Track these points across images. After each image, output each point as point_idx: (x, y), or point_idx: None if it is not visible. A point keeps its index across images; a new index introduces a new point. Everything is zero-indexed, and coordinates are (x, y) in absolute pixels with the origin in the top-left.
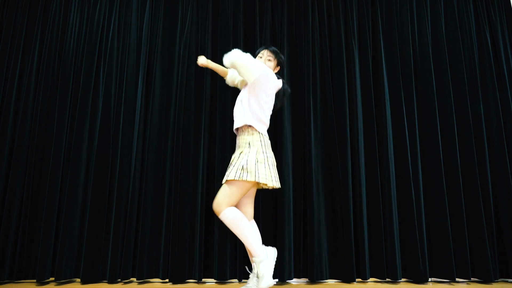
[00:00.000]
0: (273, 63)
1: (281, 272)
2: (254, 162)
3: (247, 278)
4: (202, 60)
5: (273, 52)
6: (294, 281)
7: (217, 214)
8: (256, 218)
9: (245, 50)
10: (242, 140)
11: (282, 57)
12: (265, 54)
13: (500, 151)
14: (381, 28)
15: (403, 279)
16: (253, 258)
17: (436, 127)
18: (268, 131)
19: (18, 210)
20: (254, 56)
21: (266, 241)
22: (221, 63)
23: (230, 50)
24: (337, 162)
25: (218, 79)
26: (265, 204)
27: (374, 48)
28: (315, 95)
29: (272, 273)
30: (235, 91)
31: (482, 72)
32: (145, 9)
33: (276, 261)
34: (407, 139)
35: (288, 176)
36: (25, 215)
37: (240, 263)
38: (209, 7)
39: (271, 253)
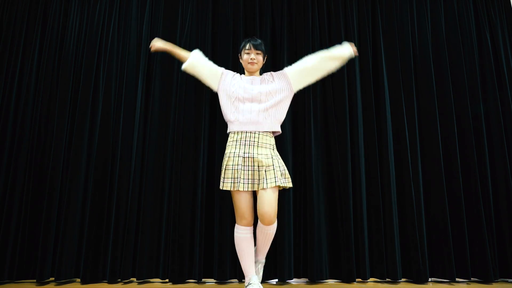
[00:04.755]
0: (261, 56)
1: (281, 272)
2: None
3: None
4: (158, 44)
5: (258, 46)
6: (294, 281)
7: (269, 223)
8: (256, 219)
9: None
10: (264, 141)
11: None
12: (252, 51)
13: (500, 151)
14: (381, 28)
15: (403, 279)
16: (260, 259)
17: (436, 127)
18: None
19: (18, 210)
20: (239, 50)
21: None
22: (222, 59)
23: (230, 50)
24: (337, 162)
25: None
26: None
27: (374, 48)
28: (315, 95)
29: None
30: None
31: (482, 72)
32: (145, 9)
33: (276, 261)
34: (407, 139)
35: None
36: (25, 215)
37: (240, 264)
38: (209, 7)
39: None
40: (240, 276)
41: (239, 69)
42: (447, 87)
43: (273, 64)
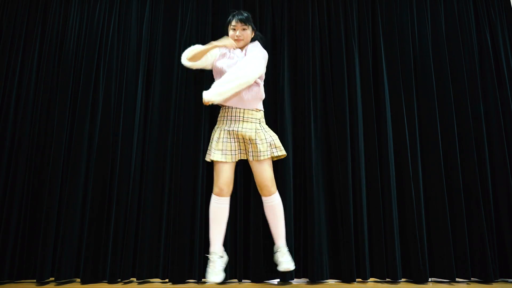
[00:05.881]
0: (249, 30)
1: (282, 272)
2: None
3: (247, 278)
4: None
5: (244, 21)
6: (294, 281)
7: (268, 194)
8: (257, 218)
9: None
10: (249, 115)
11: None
12: (238, 26)
13: (500, 151)
14: (381, 28)
15: (403, 279)
16: (281, 244)
17: (436, 127)
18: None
19: (18, 210)
20: (226, 26)
21: (267, 241)
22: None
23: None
24: (337, 162)
25: None
26: None
27: (374, 48)
28: (315, 95)
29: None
30: None
31: (482, 72)
32: (145, 9)
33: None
34: (407, 139)
35: (289, 176)
36: (25, 215)
37: (240, 263)
38: (209, 7)
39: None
40: (240, 276)
41: None
42: (447, 87)
43: (273, 64)
